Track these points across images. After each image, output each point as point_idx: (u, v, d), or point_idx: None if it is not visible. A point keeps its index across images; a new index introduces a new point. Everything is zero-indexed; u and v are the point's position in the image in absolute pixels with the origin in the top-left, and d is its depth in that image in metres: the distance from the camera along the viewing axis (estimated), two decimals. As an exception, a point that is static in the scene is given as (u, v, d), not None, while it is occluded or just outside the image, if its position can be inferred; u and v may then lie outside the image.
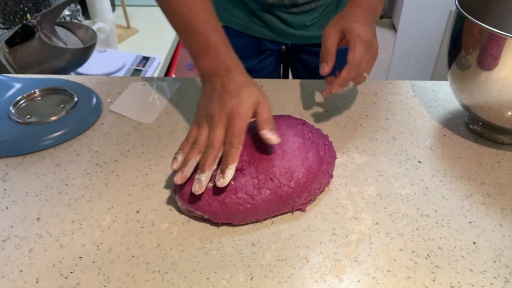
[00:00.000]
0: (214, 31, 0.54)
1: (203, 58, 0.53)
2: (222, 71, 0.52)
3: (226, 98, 0.49)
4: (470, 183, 0.54)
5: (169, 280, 0.43)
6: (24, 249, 0.46)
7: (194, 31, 0.54)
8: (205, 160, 0.46)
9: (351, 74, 0.57)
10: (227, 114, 0.48)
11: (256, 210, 0.47)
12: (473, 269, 0.44)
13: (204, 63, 0.53)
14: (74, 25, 0.95)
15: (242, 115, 0.48)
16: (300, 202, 0.49)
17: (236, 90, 0.49)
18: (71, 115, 0.63)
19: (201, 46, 0.53)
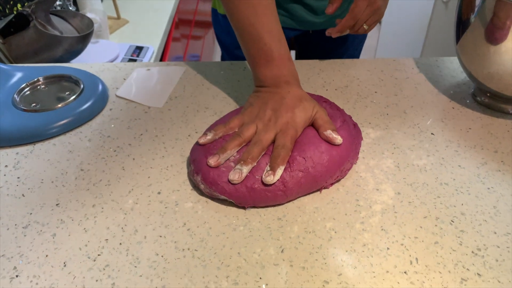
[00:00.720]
0: (279, 42, 0.55)
1: (265, 67, 0.55)
2: (282, 83, 0.54)
3: (283, 110, 0.51)
4: (483, 152, 0.55)
5: (199, 257, 0.42)
6: (47, 235, 0.45)
7: (259, 40, 0.55)
8: (251, 153, 0.48)
9: (349, 22, 0.69)
10: (282, 124, 0.50)
11: (286, 196, 0.47)
12: (497, 231, 0.45)
13: (265, 71, 0.55)
14: (68, 13, 0.93)
15: (295, 128, 0.50)
16: (330, 182, 0.49)
17: (293, 105, 0.52)
18: (79, 101, 0.62)
19: (265, 55, 0.55)
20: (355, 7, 0.67)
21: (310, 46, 0.97)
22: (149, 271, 0.41)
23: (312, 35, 0.93)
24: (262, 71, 0.55)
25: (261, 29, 0.55)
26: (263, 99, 0.54)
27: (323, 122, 0.51)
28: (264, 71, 0.55)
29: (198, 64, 0.74)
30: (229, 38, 0.91)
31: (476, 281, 0.40)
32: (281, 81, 0.54)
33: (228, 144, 0.49)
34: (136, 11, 1.43)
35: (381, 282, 0.40)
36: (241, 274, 0.41)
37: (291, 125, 0.50)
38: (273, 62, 0.55)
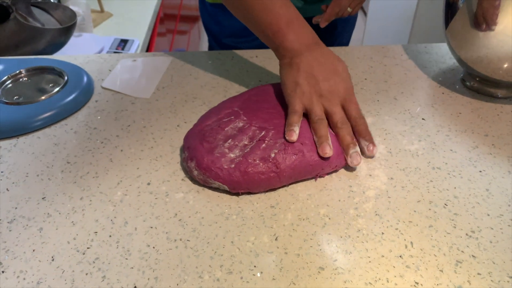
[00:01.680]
0: (291, 8, 0.54)
1: (288, 32, 0.52)
2: (312, 45, 0.52)
3: (332, 77, 0.51)
4: (474, 136, 0.55)
5: (192, 247, 0.41)
6: (34, 229, 0.43)
7: (273, 9, 0.52)
8: (349, 134, 0.49)
9: (335, 9, 0.75)
10: (340, 91, 0.51)
11: (279, 179, 0.46)
12: (490, 213, 0.45)
13: (290, 37, 0.52)
14: (50, 5, 0.90)
15: (352, 89, 0.52)
16: (326, 171, 0.48)
17: (337, 68, 0.52)
18: (63, 93, 0.60)
19: (284, 20, 0.52)
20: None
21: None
22: (140, 262, 0.40)
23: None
24: (288, 38, 0.52)
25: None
26: (305, 71, 0.51)
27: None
28: (289, 36, 0.52)
29: (185, 54, 0.72)
30: (217, 27, 0.90)
31: (471, 263, 0.40)
32: (311, 43, 0.52)
33: (322, 131, 0.48)
34: (120, 4, 1.41)
35: (377, 267, 0.40)
36: (235, 263, 0.40)
37: (349, 90, 0.51)
38: (293, 23, 0.52)
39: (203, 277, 0.39)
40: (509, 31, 0.52)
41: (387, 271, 0.39)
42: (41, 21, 0.86)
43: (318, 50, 0.52)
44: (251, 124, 0.50)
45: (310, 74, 0.50)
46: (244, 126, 0.50)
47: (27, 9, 0.82)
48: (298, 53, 0.52)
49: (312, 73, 0.50)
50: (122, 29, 1.28)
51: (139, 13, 1.36)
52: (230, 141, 0.48)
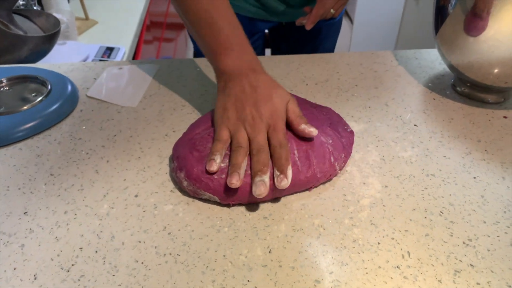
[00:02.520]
0: (237, 30, 0.53)
1: (226, 56, 0.51)
2: (247, 71, 0.51)
3: (260, 103, 0.48)
4: (467, 142, 0.54)
5: (182, 261, 0.40)
6: (15, 246, 0.41)
7: (217, 29, 0.52)
8: (262, 162, 0.45)
9: (319, 12, 0.76)
10: (267, 118, 0.47)
11: (273, 191, 0.45)
12: (486, 221, 0.44)
13: (227, 61, 0.51)
14: (33, 12, 0.88)
15: (282, 119, 0.48)
16: (321, 181, 0.47)
17: (269, 94, 0.49)
18: (46, 103, 0.58)
19: (224, 44, 0.51)
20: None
21: (284, 40, 0.97)
22: (128, 279, 0.38)
23: (285, 27, 0.92)
24: (224, 61, 0.51)
25: (218, 18, 0.52)
26: (235, 97, 0.49)
27: (295, 116, 0.49)
28: (226, 61, 0.51)
29: (173, 61, 0.71)
30: None
31: (469, 272, 0.39)
32: (246, 69, 0.51)
33: (237, 158, 0.45)
34: (105, 12, 1.39)
35: (374, 279, 0.38)
36: (228, 277, 0.38)
37: (276, 116, 0.48)
38: (234, 49, 0.51)
39: (195, 293, 0.37)
40: (500, 36, 0.52)
41: (385, 282, 0.38)
42: (24, 29, 0.84)
43: (253, 76, 0.50)
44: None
45: (239, 100, 0.49)
46: None
47: (8, 17, 0.80)
48: (232, 77, 0.51)
49: (241, 98, 0.49)
50: (108, 37, 1.26)
51: (125, 21, 1.35)
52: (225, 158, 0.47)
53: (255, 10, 0.83)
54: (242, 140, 0.47)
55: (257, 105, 0.48)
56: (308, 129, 0.47)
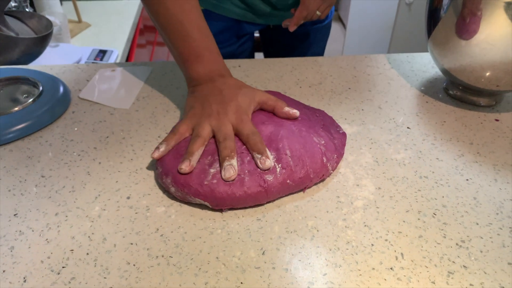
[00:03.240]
0: (207, 37, 0.54)
1: (197, 63, 0.54)
2: (216, 76, 0.53)
3: (227, 100, 0.50)
4: (459, 144, 0.55)
5: (175, 264, 0.39)
6: (4, 248, 0.41)
7: (188, 37, 0.53)
8: (228, 148, 0.46)
9: (303, 13, 0.76)
10: (232, 113, 0.49)
11: (267, 194, 0.44)
12: (479, 222, 0.44)
13: (197, 68, 0.54)
14: (25, 14, 0.87)
15: (247, 114, 0.50)
16: (314, 181, 0.47)
17: (234, 93, 0.51)
18: (37, 104, 0.57)
19: (195, 52, 0.54)
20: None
21: (272, 44, 0.97)
22: (120, 281, 0.38)
23: (273, 30, 0.93)
24: (194, 69, 0.54)
25: (189, 25, 0.53)
26: (202, 97, 0.51)
27: (274, 102, 0.51)
28: (197, 68, 0.54)
29: (165, 63, 0.71)
30: None
31: (462, 274, 0.39)
32: (215, 75, 0.53)
33: (192, 146, 0.46)
34: (98, 15, 1.38)
35: (368, 280, 0.38)
36: (221, 279, 0.38)
37: (242, 112, 0.49)
38: (204, 57, 0.54)
39: (187, 295, 0.37)
40: (491, 40, 0.52)
41: (379, 284, 0.38)
42: (15, 30, 0.83)
43: (221, 80, 0.53)
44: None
45: (206, 99, 0.51)
46: None
47: (0, 18, 0.79)
48: (200, 82, 0.53)
49: (208, 98, 0.51)
50: (101, 40, 1.26)
51: (118, 24, 1.34)
52: (210, 156, 0.46)
53: (242, 12, 0.83)
54: (202, 132, 0.48)
55: (223, 103, 0.50)
56: (291, 111, 0.51)
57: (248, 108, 0.51)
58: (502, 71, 0.55)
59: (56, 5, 1.19)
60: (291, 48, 0.95)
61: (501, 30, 0.51)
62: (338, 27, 3.13)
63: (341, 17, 3.18)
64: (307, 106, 0.56)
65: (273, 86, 0.65)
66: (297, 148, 0.47)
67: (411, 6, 2.08)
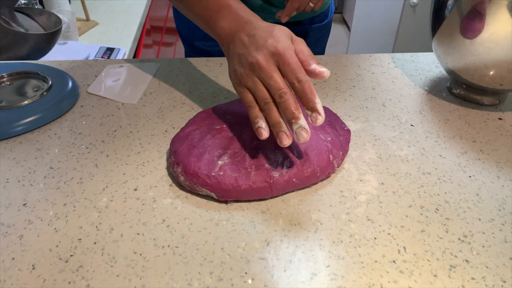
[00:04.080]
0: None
1: (221, 18, 0.49)
2: (243, 24, 0.48)
3: (261, 43, 0.45)
4: (463, 142, 0.55)
5: (181, 253, 0.40)
6: (13, 237, 0.41)
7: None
8: (290, 108, 0.42)
9: (295, 4, 0.73)
10: (272, 55, 0.44)
11: (271, 190, 0.45)
12: (481, 218, 0.45)
13: (222, 24, 0.49)
14: (35, 11, 0.89)
15: (288, 48, 0.44)
16: (320, 179, 0.48)
17: (268, 32, 0.45)
18: (47, 98, 0.58)
19: (215, 9, 0.50)
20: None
21: None
22: (127, 270, 0.38)
23: None
24: (219, 25, 0.49)
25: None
26: (237, 54, 0.47)
27: (305, 56, 0.45)
28: (221, 24, 0.49)
29: (173, 60, 0.72)
30: (189, 31, 0.89)
31: (464, 268, 0.39)
32: (242, 24, 0.48)
33: (273, 116, 0.43)
34: (106, 13, 1.40)
35: (370, 272, 0.39)
36: (226, 269, 0.39)
37: (282, 47, 0.44)
38: (225, 10, 0.49)
39: (193, 284, 0.37)
40: (495, 39, 0.53)
41: (381, 276, 0.38)
42: (25, 27, 0.84)
43: (250, 27, 0.47)
44: (243, 132, 0.49)
45: (243, 55, 0.46)
46: (235, 134, 0.49)
47: (10, 14, 0.80)
48: (230, 38, 0.48)
49: (243, 51, 0.46)
50: (108, 38, 1.27)
51: (125, 23, 1.36)
52: (220, 149, 0.47)
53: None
54: (264, 95, 0.44)
55: (258, 49, 0.45)
56: (319, 69, 0.43)
57: (289, 42, 0.45)
58: (506, 70, 0.55)
59: (65, 3, 1.20)
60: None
61: (505, 29, 0.52)
62: (342, 29, 3.14)
63: (345, 19, 3.18)
64: None
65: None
66: (305, 146, 0.48)
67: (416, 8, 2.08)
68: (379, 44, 2.48)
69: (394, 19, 2.28)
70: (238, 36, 0.47)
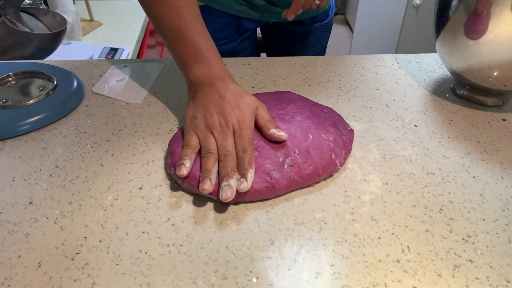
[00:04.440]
0: (206, 40, 0.53)
1: (195, 67, 0.52)
2: (216, 80, 0.51)
3: (228, 110, 0.49)
4: (466, 142, 0.55)
5: (186, 252, 0.40)
6: (20, 234, 0.42)
7: (185, 40, 0.53)
8: (228, 167, 0.45)
9: (300, 2, 0.73)
10: (233, 125, 0.48)
11: (274, 190, 0.45)
12: (485, 218, 0.45)
13: (196, 71, 0.52)
14: (40, 11, 0.89)
15: (248, 126, 0.49)
16: (323, 177, 0.48)
17: (236, 101, 0.50)
18: (52, 97, 0.59)
19: (193, 55, 0.52)
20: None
21: (274, 42, 0.97)
22: (132, 268, 0.39)
23: (273, 27, 0.93)
24: (193, 71, 0.52)
25: (187, 30, 0.53)
26: (203, 105, 0.50)
27: (265, 121, 0.50)
28: (195, 71, 0.52)
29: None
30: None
31: (468, 268, 0.39)
32: (215, 79, 0.51)
33: (207, 164, 0.46)
34: (110, 14, 1.40)
35: (374, 272, 0.39)
36: (230, 268, 0.39)
37: (243, 123, 0.49)
38: (203, 60, 0.52)
39: (197, 282, 0.38)
40: (499, 39, 0.53)
41: (385, 275, 0.39)
42: (30, 27, 0.85)
43: (222, 85, 0.51)
44: None
45: (208, 109, 0.50)
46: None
47: (16, 14, 0.81)
48: (201, 88, 0.52)
49: (210, 107, 0.50)
50: (112, 38, 1.27)
51: (129, 23, 1.36)
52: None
53: (243, 8, 0.83)
54: (212, 146, 0.48)
55: (224, 113, 0.49)
56: (277, 133, 0.48)
57: (251, 120, 0.50)
58: (509, 71, 0.55)
59: (69, 4, 1.21)
60: (291, 46, 0.95)
61: (509, 30, 0.52)
62: (345, 30, 3.14)
63: (348, 20, 3.18)
64: (315, 103, 0.57)
65: (282, 83, 0.66)
66: (305, 146, 0.48)
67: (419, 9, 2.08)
68: (382, 45, 2.48)
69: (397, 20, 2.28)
70: (209, 90, 0.51)
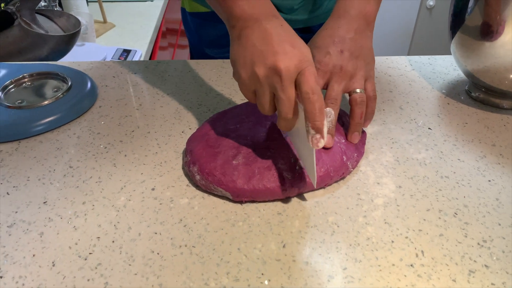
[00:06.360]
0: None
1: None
2: (270, 16, 0.43)
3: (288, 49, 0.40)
4: (482, 145, 0.54)
5: (198, 253, 0.40)
6: (34, 233, 0.42)
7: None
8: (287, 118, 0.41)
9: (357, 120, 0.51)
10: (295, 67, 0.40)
11: (286, 190, 0.45)
12: (501, 223, 0.44)
13: (243, 3, 0.43)
14: (54, 13, 0.91)
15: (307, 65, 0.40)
16: (335, 179, 0.48)
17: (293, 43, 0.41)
18: (67, 98, 0.59)
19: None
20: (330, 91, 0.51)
21: None
22: (144, 268, 0.39)
23: None
24: (239, 4, 0.43)
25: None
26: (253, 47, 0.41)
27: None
28: (242, 4, 0.43)
29: (189, 62, 0.72)
30: (196, 37, 0.89)
31: (484, 273, 0.39)
32: (267, 14, 0.43)
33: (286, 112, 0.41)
34: (123, 16, 1.42)
35: (387, 276, 0.39)
36: (242, 270, 0.39)
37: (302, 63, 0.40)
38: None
39: (209, 284, 0.38)
40: (516, 41, 0.52)
41: (398, 280, 0.38)
42: (45, 28, 0.86)
43: (276, 21, 0.42)
44: (258, 132, 0.50)
45: (263, 51, 0.41)
46: (250, 134, 0.49)
47: (31, 16, 0.82)
48: (249, 23, 0.42)
49: (265, 48, 0.41)
50: (124, 40, 1.29)
51: (141, 25, 1.37)
52: (235, 149, 0.48)
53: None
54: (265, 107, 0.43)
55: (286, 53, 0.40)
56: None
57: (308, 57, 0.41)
58: (526, 73, 0.54)
59: (83, 6, 1.22)
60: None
61: (526, 32, 0.51)
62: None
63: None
64: None
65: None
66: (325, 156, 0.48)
67: (432, 10, 2.06)
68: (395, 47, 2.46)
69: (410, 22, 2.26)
70: (262, 27, 0.42)
